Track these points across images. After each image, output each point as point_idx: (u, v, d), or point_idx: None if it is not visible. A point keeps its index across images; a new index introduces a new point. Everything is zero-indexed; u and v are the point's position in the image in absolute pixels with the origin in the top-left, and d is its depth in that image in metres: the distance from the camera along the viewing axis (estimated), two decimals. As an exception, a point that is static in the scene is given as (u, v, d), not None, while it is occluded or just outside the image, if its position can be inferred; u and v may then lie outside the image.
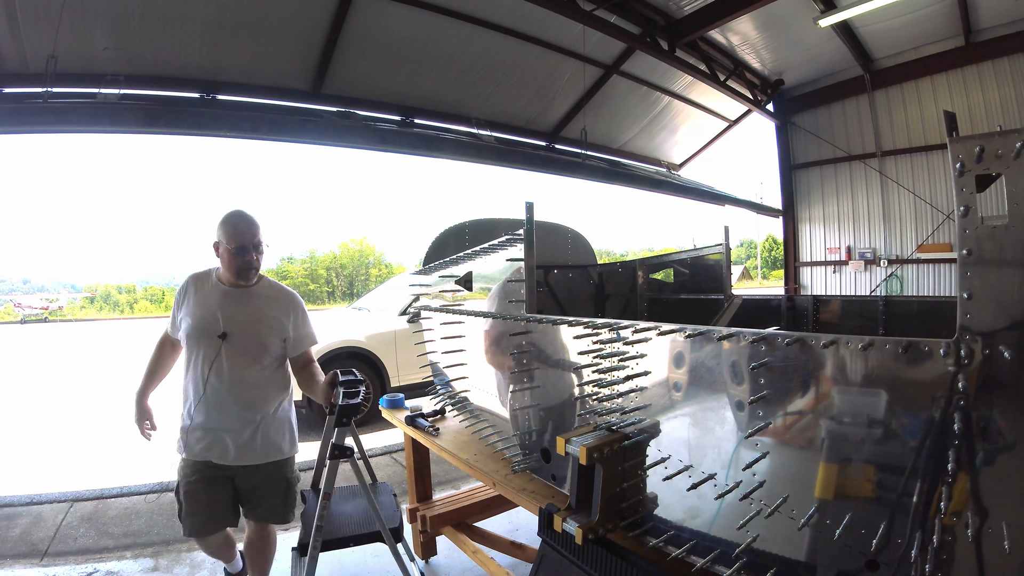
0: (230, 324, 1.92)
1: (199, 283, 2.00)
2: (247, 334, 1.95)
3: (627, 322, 1.36)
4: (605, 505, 1.29)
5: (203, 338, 1.91)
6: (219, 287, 1.98)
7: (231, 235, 1.90)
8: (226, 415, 1.92)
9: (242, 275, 1.95)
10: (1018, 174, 0.78)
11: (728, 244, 3.14)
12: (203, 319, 1.92)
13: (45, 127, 4.33)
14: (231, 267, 1.93)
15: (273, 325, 2.01)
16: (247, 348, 1.94)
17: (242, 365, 1.93)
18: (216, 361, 1.90)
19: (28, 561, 2.73)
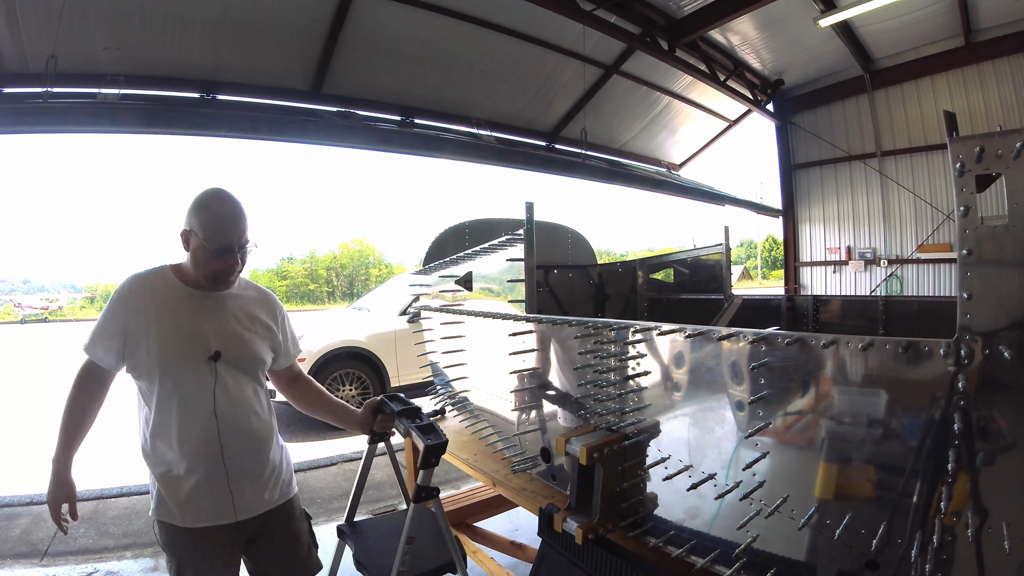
0: (220, 339, 1.46)
1: (152, 288, 1.46)
2: (241, 348, 1.51)
3: (627, 322, 1.36)
4: (605, 505, 1.29)
5: (188, 363, 1.42)
6: (186, 291, 1.47)
7: (212, 231, 1.41)
8: (242, 457, 1.47)
9: (219, 282, 1.47)
10: (1018, 174, 0.78)
11: (728, 244, 3.15)
12: (183, 337, 1.43)
13: (45, 127, 4.32)
14: (205, 270, 1.44)
15: (263, 333, 1.58)
16: (245, 367, 1.52)
17: (242, 389, 1.50)
18: (217, 391, 1.44)
19: (28, 561, 2.73)
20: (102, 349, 1.44)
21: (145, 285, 1.47)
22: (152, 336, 1.41)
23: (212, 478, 1.43)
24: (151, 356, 1.41)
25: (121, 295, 1.45)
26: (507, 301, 2.05)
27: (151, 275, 1.49)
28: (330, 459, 4.11)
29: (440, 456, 1.52)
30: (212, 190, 1.46)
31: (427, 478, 1.55)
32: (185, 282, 1.49)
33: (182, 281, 1.49)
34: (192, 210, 1.43)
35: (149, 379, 1.43)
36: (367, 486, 3.58)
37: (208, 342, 1.45)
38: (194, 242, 1.43)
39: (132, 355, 1.43)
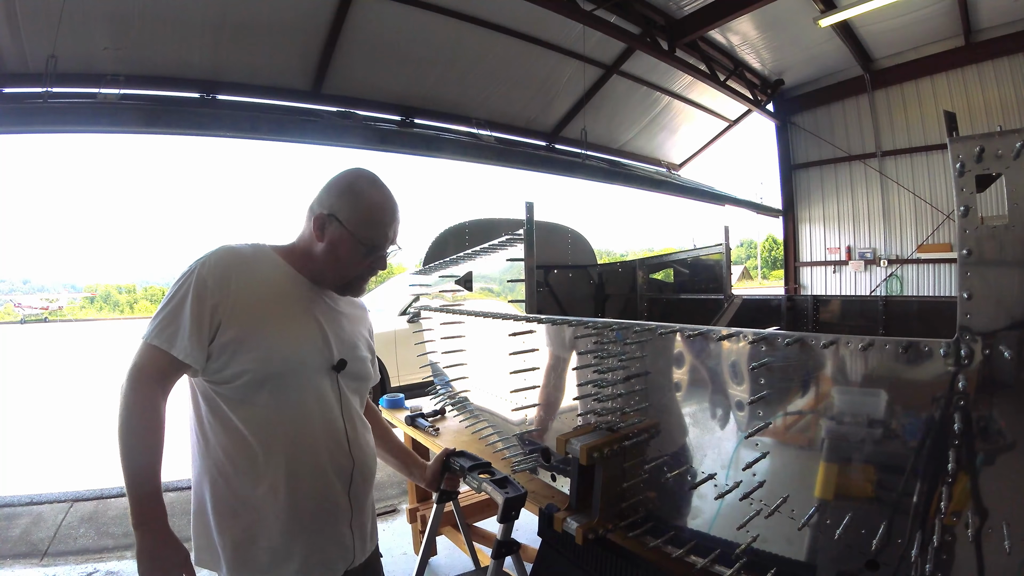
0: (341, 344, 1.17)
1: (259, 266, 1.12)
2: (360, 360, 1.23)
3: (627, 322, 1.36)
4: (605, 505, 1.29)
5: (309, 371, 1.10)
6: (301, 280, 1.16)
7: (367, 223, 1.12)
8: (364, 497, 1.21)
9: (353, 288, 1.21)
10: (1018, 174, 0.78)
11: (728, 244, 3.15)
12: (306, 336, 1.12)
13: (45, 127, 4.32)
14: (344, 269, 1.15)
15: (369, 346, 1.31)
16: (362, 383, 1.25)
17: (358, 409, 1.24)
18: (344, 412, 1.15)
19: (28, 561, 2.73)
20: (185, 337, 1.00)
21: (249, 260, 1.11)
22: (264, 328, 1.05)
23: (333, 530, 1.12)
24: (259, 355, 1.04)
25: (212, 268, 1.05)
26: (507, 301, 2.05)
27: (254, 251, 1.15)
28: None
29: (520, 509, 1.40)
30: (364, 173, 1.16)
31: (507, 533, 1.43)
32: (299, 270, 1.16)
33: (294, 268, 1.16)
34: (339, 192, 1.13)
35: (246, 389, 1.04)
36: (367, 486, 3.59)
37: (332, 346, 1.14)
38: (336, 232, 1.11)
39: (227, 352, 1.03)
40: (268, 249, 1.17)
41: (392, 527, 3.08)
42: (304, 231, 1.17)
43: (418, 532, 2.66)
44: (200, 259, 1.08)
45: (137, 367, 1.02)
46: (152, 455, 1.00)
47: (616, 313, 3.86)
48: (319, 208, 1.13)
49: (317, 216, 1.12)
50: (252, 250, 1.15)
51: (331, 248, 1.13)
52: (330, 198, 1.13)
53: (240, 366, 1.03)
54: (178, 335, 1.01)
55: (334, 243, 1.13)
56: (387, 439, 1.48)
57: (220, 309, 1.03)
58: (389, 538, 2.94)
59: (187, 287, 1.04)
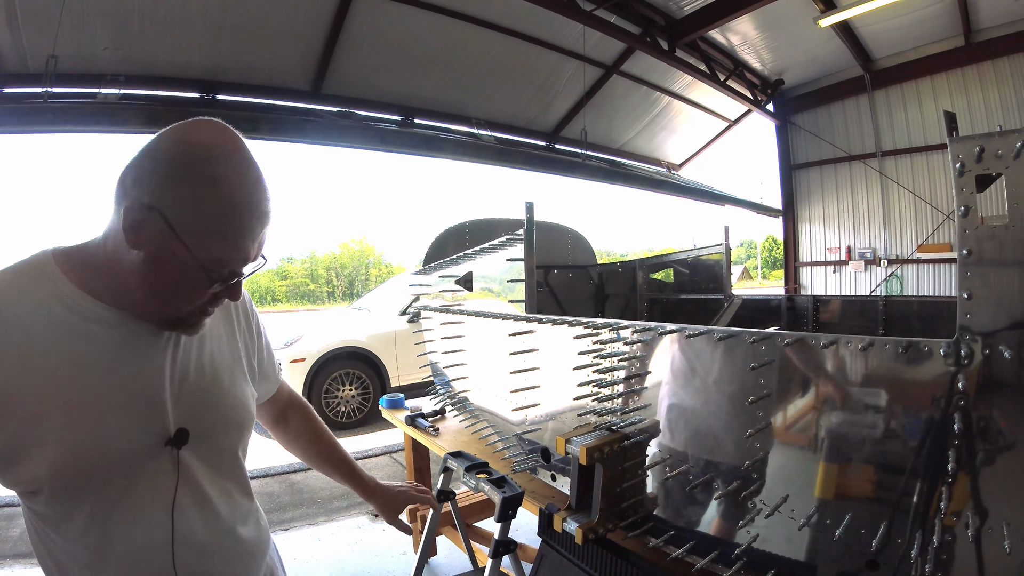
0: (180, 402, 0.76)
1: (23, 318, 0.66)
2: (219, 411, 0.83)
3: (627, 322, 1.36)
4: (605, 505, 1.29)
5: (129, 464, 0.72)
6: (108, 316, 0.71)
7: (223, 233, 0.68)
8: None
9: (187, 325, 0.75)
10: (1018, 174, 0.78)
11: (728, 244, 3.14)
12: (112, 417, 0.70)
13: (45, 127, 4.32)
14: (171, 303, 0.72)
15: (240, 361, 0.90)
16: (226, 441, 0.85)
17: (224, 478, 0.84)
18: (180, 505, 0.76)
19: (28, 561, 2.73)
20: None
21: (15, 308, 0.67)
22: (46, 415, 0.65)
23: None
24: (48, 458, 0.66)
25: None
26: (507, 301, 2.05)
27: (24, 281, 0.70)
28: (330, 459, 4.12)
29: (517, 508, 1.43)
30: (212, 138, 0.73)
31: (505, 532, 1.47)
32: (99, 295, 0.70)
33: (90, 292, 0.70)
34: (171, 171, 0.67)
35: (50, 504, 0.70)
36: (367, 486, 3.59)
37: (166, 410, 0.74)
38: (159, 240, 0.66)
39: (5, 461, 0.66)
40: (51, 267, 0.71)
41: (391, 527, 3.09)
42: (108, 228, 0.70)
43: (417, 532, 2.66)
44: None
45: None
46: None
47: (616, 313, 3.87)
48: (134, 191, 0.66)
49: (128, 207, 0.65)
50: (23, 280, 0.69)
51: (151, 264, 0.67)
52: (154, 177, 0.66)
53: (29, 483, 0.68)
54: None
55: (157, 257, 0.67)
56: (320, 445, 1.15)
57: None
58: (388, 538, 2.94)
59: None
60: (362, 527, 3.09)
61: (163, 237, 0.66)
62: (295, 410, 1.14)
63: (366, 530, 3.05)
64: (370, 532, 3.02)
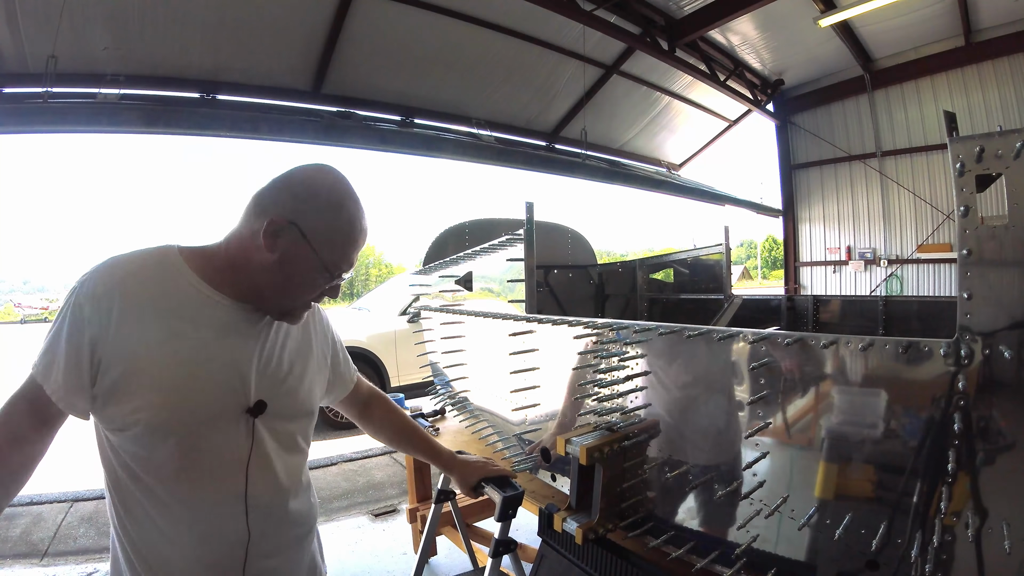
0: (265, 380, 0.94)
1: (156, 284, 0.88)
2: (293, 394, 0.99)
3: (627, 322, 1.36)
4: (605, 505, 1.29)
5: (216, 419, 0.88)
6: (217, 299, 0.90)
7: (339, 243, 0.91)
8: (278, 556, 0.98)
9: (294, 316, 0.96)
10: (1018, 174, 0.78)
11: (728, 244, 3.15)
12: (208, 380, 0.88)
13: (45, 127, 4.32)
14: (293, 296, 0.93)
15: (319, 360, 1.08)
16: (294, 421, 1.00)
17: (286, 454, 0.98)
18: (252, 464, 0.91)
19: (28, 561, 2.73)
20: (60, 375, 0.85)
21: (142, 277, 0.87)
22: (156, 364, 0.84)
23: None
24: (149, 399, 0.83)
25: (91, 290, 0.84)
26: (507, 301, 2.05)
27: (155, 262, 0.90)
28: (330, 459, 4.11)
29: (517, 508, 1.39)
30: (338, 175, 0.93)
31: (505, 531, 1.44)
32: (216, 285, 0.90)
33: (209, 282, 0.90)
34: (307, 195, 0.89)
35: (142, 441, 0.85)
36: (367, 486, 3.60)
37: (250, 383, 0.91)
38: (294, 246, 0.87)
39: (114, 397, 0.83)
40: (175, 256, 0.91)
41: (391, 527, 3.08)
42: (239, 234, 0.90)
43: (417, 532, 2.66)
44: (85, 275, 0.86)
45: (12, 395, 0.88)
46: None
47: (616, 313, 3.87)
48: (275, 209, 0.87)
49: (272, 220, 0.86)
50: (151, 261, 0.90)
51: (283, 265, 0.88)
52: (294, 201, 0.88)
53: (131, 415, 0.84)
54: (52, 370, 0.85)
55: (289, 260, 0.88)
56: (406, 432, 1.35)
57: (100, 344, 0.83)
58: (388, 538, 2.94)
59: (65, 313, 0.85)
60: (362, 527, 3.09)
61: (297, 244, 0.87)
62: (377, 403, 1.32)
63: (366, 530, 3.05)
64: (370, 532, 3.02)
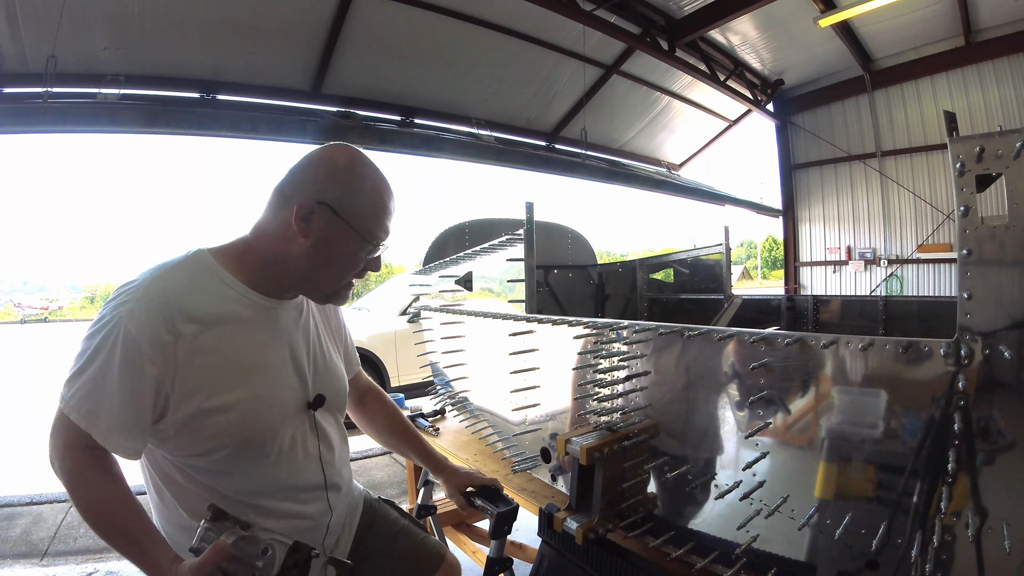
0: (317, 374, 0.99)
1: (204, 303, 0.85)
2: (336, 380, 1.05)
3: (627, 322, 1.36)
4: (605, 505, 1.29)
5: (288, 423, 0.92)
6: (256, 302, 0.90)
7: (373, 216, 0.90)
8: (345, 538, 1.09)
9: (339, 297, 0.97)
10: (1018, 174, 0.78)
11: (728, 244, 3.15)
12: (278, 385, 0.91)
13: (45, 127, 4.32)
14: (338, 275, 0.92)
15: (334, 348, 1.11)
16: (340, 408, 1.07)
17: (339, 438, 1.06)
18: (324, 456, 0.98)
19: (28, 561, 2.73)
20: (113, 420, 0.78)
21: (189, 290, 0.84)
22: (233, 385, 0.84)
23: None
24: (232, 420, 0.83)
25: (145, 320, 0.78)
26: (507, 301, 2.05)
27: (191, 271, 0.86)
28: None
29: (512, 523, 1.32)
30: (355, 150, 0.91)
31: (499, 549, 1.38)
32: (254, 285, 0.90)
33: (246, 283, 0.90)
34: (329, 174, 0.87)
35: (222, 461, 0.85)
36: (368, 485, 3.59)
37: (307, 380, 0.95)
38: (328, 225, 0.86)
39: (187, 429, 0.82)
40: (208, 260, 0.88)
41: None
42: (266, 230, 0.89)
43: (418, 532, 2.65)
44: (124, 298, 0.79)
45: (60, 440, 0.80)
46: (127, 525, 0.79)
47: (616, 313, 3.86)
48: (301, 195, 0.86)
49: (301, 205, 0.85)
50: (190, 272, 0.85)
51: (321, 246, 0.87)
52: (318, 182, 0.86)
53: (214, 440, 0.83)
54: (101, 415, 0.77)
55: (326, 240, 0.86)
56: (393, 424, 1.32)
57: (166, 382, 0.79)
58: (389, 538, 2.94)
59: (111, 347, 0.77)
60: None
61: (330, 222, 0.87)
62: (372, 395, 1.34)
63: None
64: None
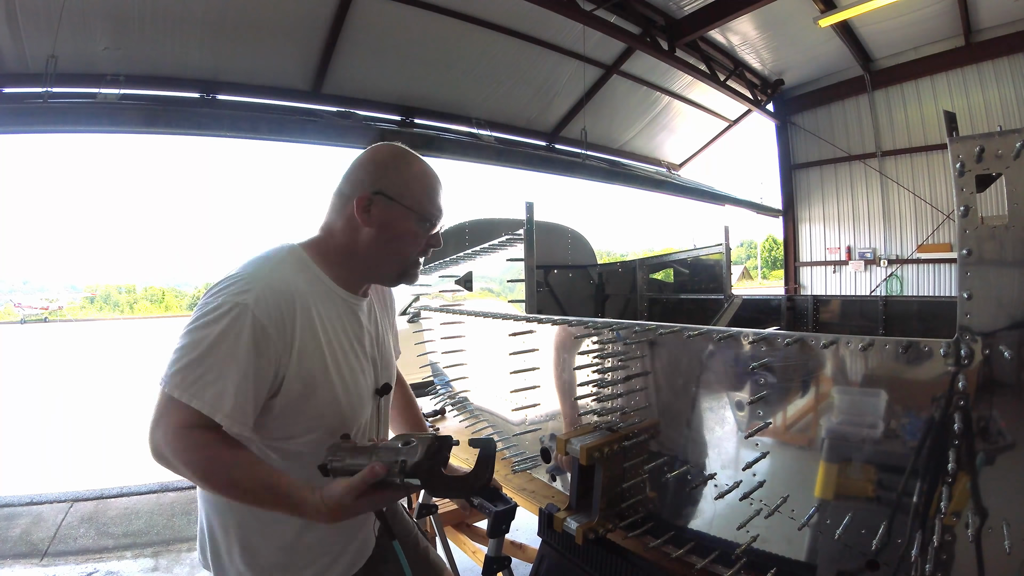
0: (379, 364, 1.08)
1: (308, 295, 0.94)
2: (389, 365, 1.14)
3: (627, 322, 1.36)
4: (605, 505, 1.29)
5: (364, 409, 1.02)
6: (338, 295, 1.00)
7: (425, 194, 1.01)
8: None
9: (410, 276, 1.06)
10: (1018, 174, 0.78)
11: (728, 244, 3.15)
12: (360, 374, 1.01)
13: (45, 127, 4.32)
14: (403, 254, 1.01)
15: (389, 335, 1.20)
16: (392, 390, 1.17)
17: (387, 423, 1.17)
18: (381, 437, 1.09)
19: (28, 561, 2.73)
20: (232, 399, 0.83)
21: (298, 282, 0.93)
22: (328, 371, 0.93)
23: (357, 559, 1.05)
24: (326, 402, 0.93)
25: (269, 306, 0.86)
26: (507, 301, 2.05)
27: (294, 265, 0.96)
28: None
29: (510, 522, 1.33)
30: (397, 145, 1.03)
31: (498, 548, 1.39)
32: (335, 279, 1.00)
33: (331, 277, 0.99)
34: (378, 167, 0.98)
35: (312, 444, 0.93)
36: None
37: (377, 369, 1.06)
38: (387, 210, 0.96)
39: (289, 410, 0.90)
40: (303, 256, 0.98)
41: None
42: (334, 229, 0.99)
43: (418, 532, 2.65)
44: (241, 286, 0.86)
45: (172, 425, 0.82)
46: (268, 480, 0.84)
47: (616, 313, 3.86)
48: (358, 190, 0.96)
49: (360, 198, 0.95)
50: (294, 266, 0.95)
51: (384, 230, 0.97)
52: (372, 176, 0.97)
53: (312, 421, 0.92)
54: (224, 398, 0.82)
55: (387, 224, 0.96)
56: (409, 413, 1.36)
57: (283, 365, 0.87)
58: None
59: (237, 335, 0.83)
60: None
61: (388, 207, 0.97)
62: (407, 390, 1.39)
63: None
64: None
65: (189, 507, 3.35)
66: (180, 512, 3.29)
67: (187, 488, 3.60)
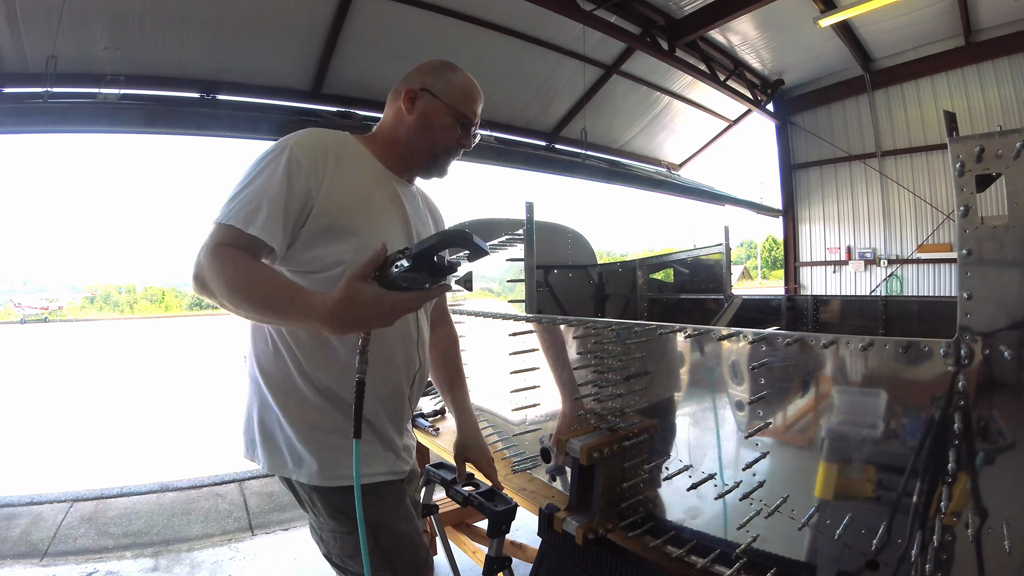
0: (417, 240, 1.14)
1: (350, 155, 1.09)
2: None
3: (627, 322, 1.36)
4: (605, 505, 1.29)
5: None
6: (384, 173, 1.14)
7: (462, 93, 1.15)
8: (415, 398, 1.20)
9: (440, 167, 1.18)
10: (1018, 174, 0.78)
11: (728, 244, 3.15)
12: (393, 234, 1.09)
13: (45, 127, 4.33)
14: (435, 143, 1.14)
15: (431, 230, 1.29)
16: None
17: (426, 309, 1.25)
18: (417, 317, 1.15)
19: (28, 561, 2.73)
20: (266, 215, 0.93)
21: (340, 145, 1.08)
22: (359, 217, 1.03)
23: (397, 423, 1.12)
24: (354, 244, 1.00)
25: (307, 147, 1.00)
26: (507, 301, 2.05)
27: (343, 138, 1.12)
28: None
29: (510, 522, 1.33)
30: (444, 59, 1.19)
31: (499, 548, 1.38)
32: (382, 161, 1.14)
33: (378, 159, 1.14)
34: (430, 70, 1.15)
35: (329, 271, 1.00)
36: (367, 486, 3.59)
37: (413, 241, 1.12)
38: (428, 103, 1.12)
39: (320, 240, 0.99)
40: (353, 139, 1.13)
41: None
42: (387, 116, 1.17)
43: (418, 532, 2.65)
44: (288, 138, 1.02)
45: (211, 244, 0.91)
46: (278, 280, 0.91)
47: (616, 313, 3.86)
48: (407, 85, 1.14)
49: (408, 90, 1.13)
50: (342, 138, 1.11)
51: (422, 119, 1.12)
52: (421, 76, 1.15)
53: (335, 255, 1.00)
54: (259, 213, 0.93)
55: (426, 114, 1.12)
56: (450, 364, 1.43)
57: (314, 192, 0.99)
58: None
59: (276, 166, 0.97)
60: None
61: (430, 102, 1.12)
62: (446, 320, 1.47)
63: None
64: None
65: (189, 507, 3.35)
66: (180, 512, 3.29)
67: (187, 488, 3.60)
